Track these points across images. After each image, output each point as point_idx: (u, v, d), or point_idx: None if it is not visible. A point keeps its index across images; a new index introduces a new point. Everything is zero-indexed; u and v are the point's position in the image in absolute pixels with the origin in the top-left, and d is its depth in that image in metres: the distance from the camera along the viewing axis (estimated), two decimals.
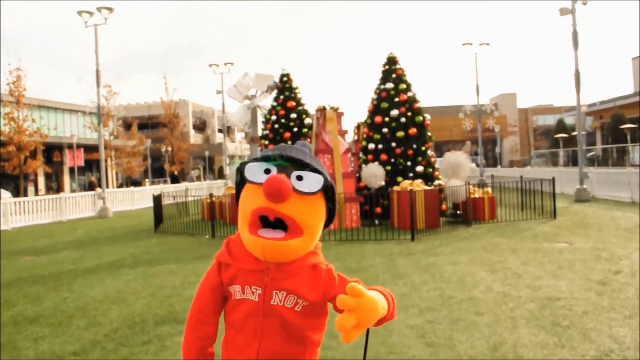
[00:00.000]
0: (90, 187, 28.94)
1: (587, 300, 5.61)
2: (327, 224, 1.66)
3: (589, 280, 6.49)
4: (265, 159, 1.57)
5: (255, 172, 1.55)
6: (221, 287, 1.65)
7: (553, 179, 13.44)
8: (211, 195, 13.48)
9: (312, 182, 1.54)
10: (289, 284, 1.57)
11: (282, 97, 15.95)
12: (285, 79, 16.23)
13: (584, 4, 17.84)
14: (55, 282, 7.93)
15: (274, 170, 1.53)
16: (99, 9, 19.53)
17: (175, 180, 43.81)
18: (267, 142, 15.74)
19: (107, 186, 23.24)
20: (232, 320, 1.64)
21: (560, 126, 51.22)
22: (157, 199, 14.70)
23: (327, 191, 1.59)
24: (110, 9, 19.59)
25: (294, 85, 16.21)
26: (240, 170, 1.61)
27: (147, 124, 55.45)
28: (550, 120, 66.43)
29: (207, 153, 55.39)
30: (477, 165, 31.38)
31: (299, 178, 1.52)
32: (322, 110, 13.02)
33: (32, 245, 12.67)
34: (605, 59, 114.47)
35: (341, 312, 1.26)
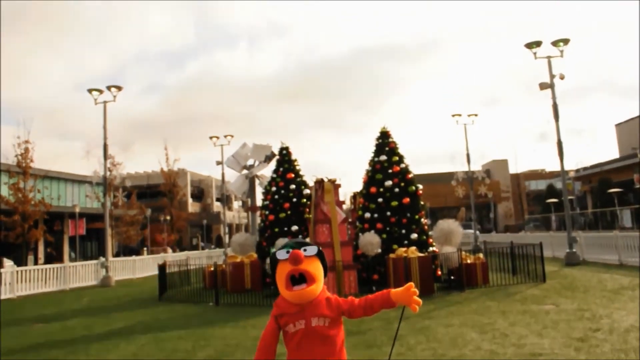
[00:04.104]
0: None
1: (566, 355, 6.17)
2: (325, 274, 2.81)
3: (570, 337, 7.06)
4: (285, 246, 2.77)
5: (282, 254, 2.73)
6: (278, 331, 2.77)
7: (540, 244, 14.07)
8: (215, 264, 14.02)
9: (311, 250, 2.75)
10: (318, 311, 2.71)
11: (281, 169, 16.78)
12: (284, 151, 17.12)
13: (562, 78, 19.12)
14: (71, 347, 8.41)
15: (290, 250, 2.71)
16: (108, 88, 20.73)
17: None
18: (267, 212, 16.42)
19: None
20: (292, 346, 2.71)
21: (551, 191, 52.35)
22: (162, 268, 15.22)
23: (320, 255, 2.79)
24: (119, 88, 20.80)
25: (293, 157, 17.08)
26: (273, 256, 2.79)
27: (146, 193, 56.33)
28: (542, 185, 67.78)
29: (204, 222, 55.99)
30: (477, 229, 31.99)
31: (305, 250, 2.72)
32: (320, 182, 13.83)
33: (41, 312, 13.10)
34: (593, 124, 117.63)
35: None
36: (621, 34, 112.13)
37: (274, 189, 16.54)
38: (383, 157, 14.97)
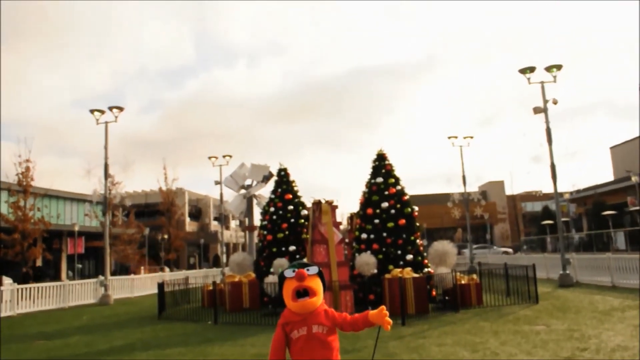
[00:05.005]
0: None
1: None
2: (324, 290, 3.33)
3: (558, 356, 7.34)
4: (291, 266, 3.31)
5: (289, 273, 3.26)
6: (285, 338, 3.26)
7: (533, 266, 14.33)
8: (214, 283, 14.24)
9: (313, 270, 3.28)
10: (318, 320, 3.24)
11: (280, 190, 17.10)
12: (283, 173, 17.46)
13: (555, 103, 19.57)
14: None
15: (296, 269, 3.25)
16: (110, 108, 21.10)
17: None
18: (265, 232, 16.70)
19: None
20: (296, 349, 3.22)
21: (546, 213, 52.68)
22: (161, 287, 15.42)
23: (320, 274, 3.32)
24: (120, 108, 21.18)
25: (291, 178, 17.42)
26: (281, 275, 3.33)
27: (144, 211, 56.49)
28: (538, 207, 68.09)
29: (202, 241, 56.08)
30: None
31: (307, 269, 3.26)
32: (318, 203, 14.14)
33: (42, 330, 13.28)
34: (589, 147, 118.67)
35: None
36: (616, 56, 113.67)
37: (272, 209, 16.84)
38: (379, 179, 15.30)
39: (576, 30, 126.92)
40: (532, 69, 20.14)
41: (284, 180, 17.36)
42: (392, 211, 14.87)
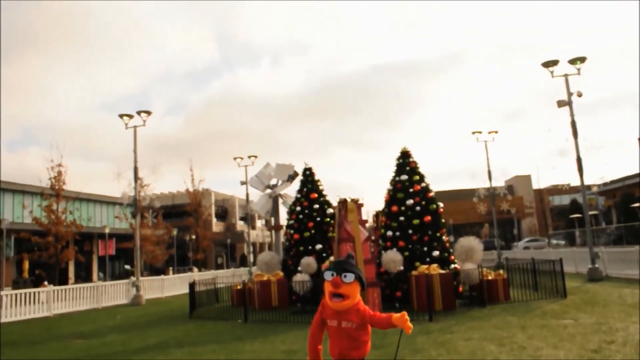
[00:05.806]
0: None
1: None
2: (362, 291, 3.68)
3: (585, 349, 7.39)
4: (330, 269, 3.66)
5: (328, 276, 3.62)
6: (321, 321, 3.77)
7: (560, 260, 14.28)
8: (244, 282, 14.52)
9: (350, 278, 3.58)
10: (348, 317, 3.65)
11: (305, 189, 17.33)
12: (308, 172, 17.68)
13: (579, 96, 19.38)
14: None
15: (334, 274, 3.58)
16: (138, 113, 21.59)
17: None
18: (292, 231, 16.94)
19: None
20: (330, 333, 3.74)
21: (574, 206, 51.92)
22: (192, 287, 15.78)
23: (359, 279, 3.63)
24: (148, 112, 21.65)
25: (316, 178, 17.63)
26: (322, 276, 3.72)
27: (171, 213, 57.34)
28: (566, 200, 67.11)
29: (229, 241, 56.73)
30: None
31: (345, 276, 3.57)
32: (343, 202, 14.30)
33: (78, 329, 13.75)
34: (617, 138, 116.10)
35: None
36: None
37: (298, 208, 17.06)
38: (404, 177, 15.39)
39: (600, 26, 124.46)
40: (555, 62, 19.99)
41: (309, 180, 17.57)
42: (418, 208, 14.95)
